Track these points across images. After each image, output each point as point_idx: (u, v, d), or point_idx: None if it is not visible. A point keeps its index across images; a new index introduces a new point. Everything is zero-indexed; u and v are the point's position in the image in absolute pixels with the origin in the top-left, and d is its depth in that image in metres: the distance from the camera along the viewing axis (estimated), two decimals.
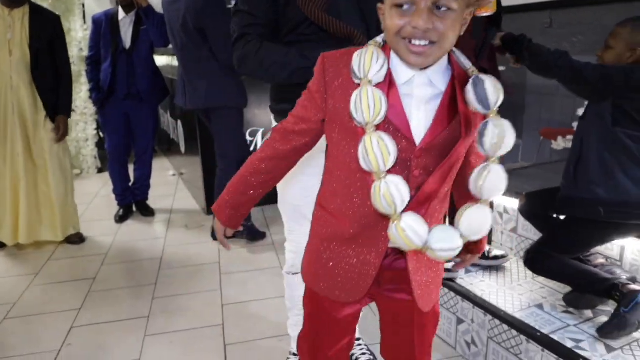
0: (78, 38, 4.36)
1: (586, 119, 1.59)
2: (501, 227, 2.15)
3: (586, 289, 1.62)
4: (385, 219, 0.88)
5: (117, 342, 1.98)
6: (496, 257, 1.99)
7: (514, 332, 1.59)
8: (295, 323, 1.66)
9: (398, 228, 0.83)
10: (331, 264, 0.99)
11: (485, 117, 0.85)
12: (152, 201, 3.57)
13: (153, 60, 3.25)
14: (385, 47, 0.88)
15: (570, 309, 1.68)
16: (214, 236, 2.97)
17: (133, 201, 3.47)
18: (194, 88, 2.64)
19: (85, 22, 4.44)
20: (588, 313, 1.65)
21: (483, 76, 0.85)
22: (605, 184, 1.51)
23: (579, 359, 1.41)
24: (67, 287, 2.46)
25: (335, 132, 0.92)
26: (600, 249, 1.72)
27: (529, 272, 1.90)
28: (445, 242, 0.84)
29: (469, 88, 0.84)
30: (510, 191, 2.05)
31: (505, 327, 1.62)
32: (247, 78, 2.76)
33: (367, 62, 0.84)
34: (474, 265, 1.99)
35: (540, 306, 1.71)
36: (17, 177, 2.74)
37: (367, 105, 0.82)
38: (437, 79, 0.86)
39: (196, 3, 2.48)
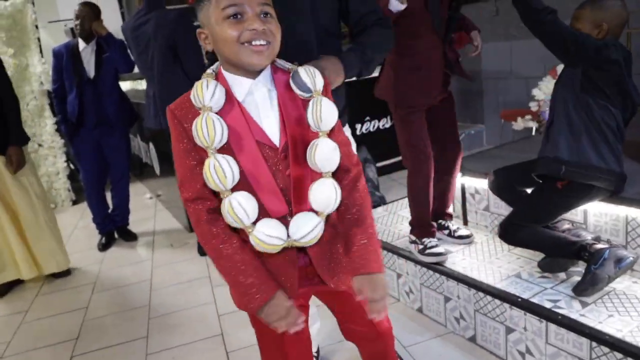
0: (37, 72, 4.32)
1: (560, 82, 1.70)
2: (474, 207, 2.27)
3: (557, 253, 1.75)
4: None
5: None
6: (461, 237, 2.13)
7: (498, 302, 1.71)
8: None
9: (254, 239, 0.94)
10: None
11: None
12: (133, 225, 3.58)
13: (119, 87, 3.27)
14: (218, 75, 0.99)
15: (546, 274, 1.81)
16: (200, 252, 3.01)
17: (114, 228, 3.47)
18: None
19: (42, 56, 4.40)
20: (562, 275, 1.78)
21: (298, 68, 1.00)
22: (569, 145, 1.62)
23: (558, 317, 1.53)
24: (60, 320, 2.46)
25: None
26: (566, 215, 1.85)
27: (505, 246, 2.04)
28: (302, 228, 0.95)
29: (291, 81, 0.98)
30: (479, 172, 2.18)
31: (489, 297, 1.73)
32: None
33: (199, 91, 0.94)
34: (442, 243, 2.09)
35: (518, 275, 1.83)
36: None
37: (201, 130, 0.91)
38: (267, 82, 0.99)
39: (168, 20, 2.56)
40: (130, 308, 2.48)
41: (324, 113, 0.96)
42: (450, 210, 2.19)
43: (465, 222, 2.33)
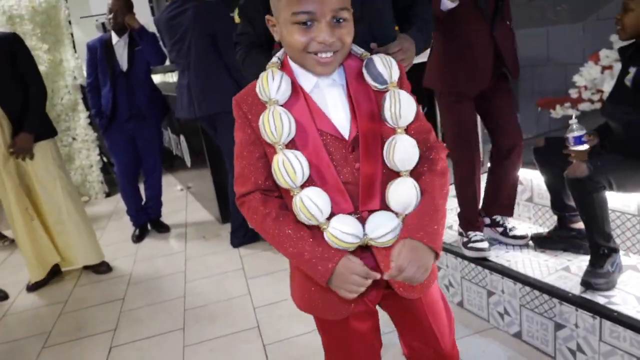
0: (70, 67, 4.39)
1: None
2: (517, 198, 2.18)
3: (598, 232, 1.60)
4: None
5: (158, 356, 2.02)
6: (515, 237, 1.99)
7: (546, 297, 1.63)
8: None
9: (329, 235, 0.89)
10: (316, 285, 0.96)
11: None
12: (165, 217, 3.61)
13: (151, 79, 3.29)
14: (284, 63, 0.94)
15: None
16: (233, 243, 3.01)
17: (147, 220, 3.50)
18: (204, 96, 2.69)
19: (75, 51, 4.46)
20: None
21: (373, 56, 0.93)
22: None
23: (614, 314, 1.45)
24: (98, 311, 2.50)
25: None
26: (618, 206, 1.76)
27: None
28: (380, 228, 0.89)
29: (364, 70, 0.92)
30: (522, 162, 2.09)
31: (537, 292, 1.66)
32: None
33: (265, 84, 0.90)
34: (493, 241, 2.01)
35: (567, 269, 1.76)
36: (21, 209, 2.63)
37: (268, 126, 0.87)
38: (336, 76, 0.94)
39: (206, 11, 2.57)
40: (165, 300, 2.50)
41: (404, 108, 0.90)
42: (508, 205, 2.04)
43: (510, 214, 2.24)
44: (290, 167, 0.87)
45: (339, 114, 0.92)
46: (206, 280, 2.64)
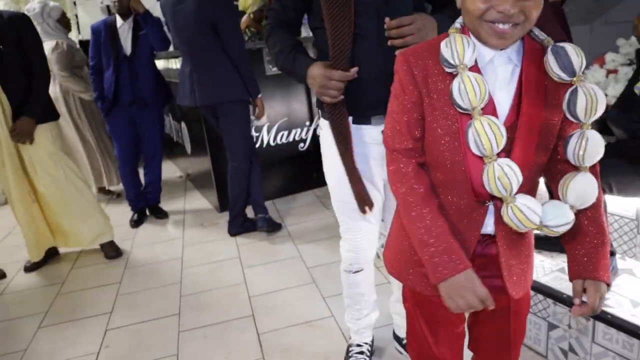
0: None
1: None
2: None
3: None
4: (482, 206, 0.91)
5: (153, 340, 2.03)
6: None
7: (540, 297, 1.65)
8: (354, 317, 1.69)
9: (514, 209, 0.85)
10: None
11: (570, 85, 0.85)
12: (164, 204, 3.61)
13: (154, 65, 3.27)
14: (464, 30, 0.89)
15: None
16: (230, 232, 3.02)
17: (146, 205, 3.51)
18: (205, 85, 2.67)
19: (79, 33, 4.44)
20: None
21: (562, 44, 0.85)
22: None
23: (607, 316, 1.46)
24: (95, 293, 2.51)
25: (434, 125, 0.91)
26: (617, 208, 1.77)
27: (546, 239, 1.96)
28: (559, 218, 0.86)
29: (550, 58, 0.84)
30: None
31: (532, 292, 1.67)
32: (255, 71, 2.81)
33: (460, 48, 0.84)
34: None
35: (562, 270, 1.76)
36: (22, 192, 2.63)
37: (472, 90, 0.83)
38: (513, 55, 0.88)
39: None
40: (162, 285, 2.51)
41: (600, 103, 0.83)
42: None
43: None
44: (498, 131, 0.83)
45: (502, 95, 0.88)
46: (203, 268, 2.65)
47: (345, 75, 1.26)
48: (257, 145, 3.41)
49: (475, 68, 0.86)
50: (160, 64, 4.02)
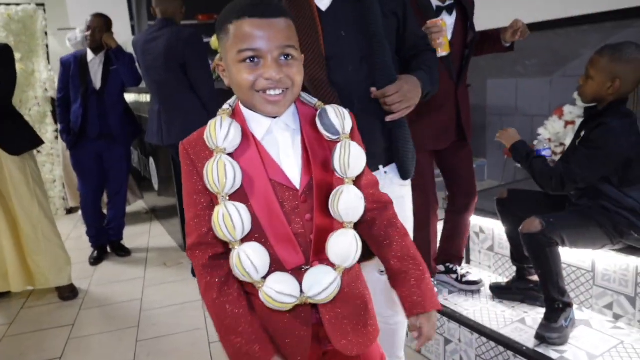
0: (42, 79, 4.30)
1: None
2: (478, 247, 2.23)
3: (552, 285, 1.65)
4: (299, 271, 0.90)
5: None
6: (469, 282, 2.05)
7: (501, 348, 1.65)
8: None
9: (263, 294, 0.86)
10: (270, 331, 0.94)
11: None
12: (127, 240, 3.51)
13: (124, 100, 3.25)
14: (235, 110, 0.92)
15: None
16: (193, 273, 2.94)
17: (107, 241, 3.40)
18: (173, 124, 2.65)
19: (49, 63, 4.39)
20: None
21: (326, 107, 0.93)
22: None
23: None
24: (45, 335, 2.38)
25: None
26: (573, 261, 1.81)
27: None
28: (317, 285, 0.87)
29: (317, 120, 0.92)
30: (483, 211, 2.14)
31: (492, 344, 1.68)
32: None
33: (212, 132, 0.87)
34: (449, 287, 2.06)
35: (522, 321, 1.78)
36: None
37: (211, 175, 0.84)
38: (290, 121, 0.92)
39: (180, 39, 2.55)
40: (118, 328, 2.40)
41: (352, 158, 0.89)
42: (458, 256, 2.12)
43: (468, 262, 2.28)
44: (229, 221, 0.84)
45: (290, 161, 0.90)
46: (163, 310, 2.56)
47: None
48: None
49: (252, 142, 0.89)
50: (131, 97, 4.00)
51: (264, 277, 0.87)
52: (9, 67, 2.52)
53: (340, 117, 0.91)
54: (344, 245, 0.88)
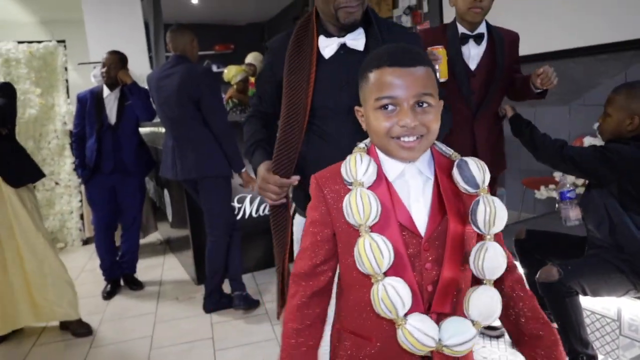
0: (62, 112, 4.39)
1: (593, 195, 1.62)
2: None
3: (572, 341, 1.57)
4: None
5: None
6: (490, 327, 1.95)
7: None
8: None
9: (405, 332, 0.82)
10: None
11: (475, 197, 0.88)
12: (140, 271, 3.50)
13: (139, 134, 3.29)
14: (370, 150, 0.92)
15: None
16: (206, 308, 2.90)
17: (121, 274, 3.39)
18: (186, 159, 2.67)
19: (68, 97, 4.49)
20: None
21: (466, 158, 0.91)
22: None
23: None
24: None
25: (341, 243, 0.93)
26: (598, 309, 1.72)
27: None
28: (458, 336, 0.83)
29: (455, 171, 0.90)
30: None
31: None
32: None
33: (352, 166, 0.88)
34: None
35: None
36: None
37: (355, 206, 0.85)
38: (424, 168, 0.91)
39: (193, 75, 2.58)
40: None
41: (499, 216, 0.86)
42: None
43: None
44: (378, 251, 0.82)
45: (419, 207, 0.89)
46: (173, 349, 2.52)
47: (282, 182, 1.26)
48: (239, 216, 3.36)
49: (384, 183, 0.89)
50: (147, 129, 4.05)
51: (405, 316, 0.84)
52: (12, 100, 2.55)
53: (481, 170, 0.89)
54: (488, 302, 0.85)
